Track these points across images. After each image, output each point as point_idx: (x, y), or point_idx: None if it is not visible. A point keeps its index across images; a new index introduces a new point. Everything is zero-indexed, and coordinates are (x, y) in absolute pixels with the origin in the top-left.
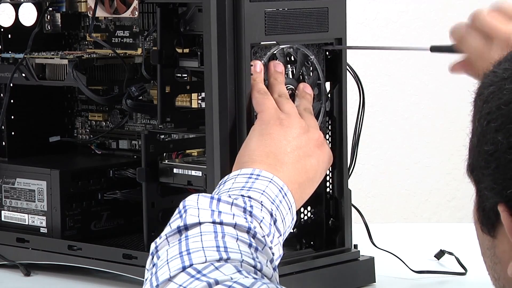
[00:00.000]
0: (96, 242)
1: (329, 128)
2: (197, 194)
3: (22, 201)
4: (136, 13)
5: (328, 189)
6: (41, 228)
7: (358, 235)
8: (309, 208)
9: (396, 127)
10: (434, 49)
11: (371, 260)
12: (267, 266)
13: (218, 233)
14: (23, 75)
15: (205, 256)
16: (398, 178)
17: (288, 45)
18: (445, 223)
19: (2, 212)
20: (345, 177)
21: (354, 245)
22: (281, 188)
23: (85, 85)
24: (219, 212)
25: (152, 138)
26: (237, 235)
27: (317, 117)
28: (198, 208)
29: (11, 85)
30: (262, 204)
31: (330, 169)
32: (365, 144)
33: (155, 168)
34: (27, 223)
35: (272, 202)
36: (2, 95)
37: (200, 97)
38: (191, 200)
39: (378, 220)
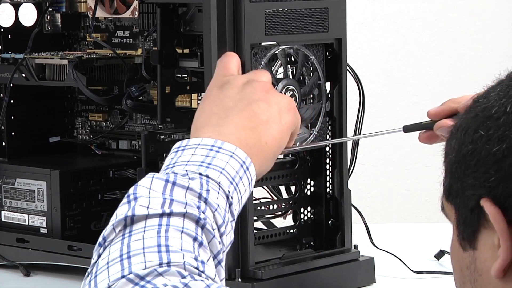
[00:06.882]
0: (96, 242)
1: (329, 128)
2: (152, 175)
3: (22, 201)
4: (136, 13)
5: (328, 189)
6: (41, 228)
7: (358, 235)
8: (309, 208)
9: (396, 127)
10: (407, 129)
11: (371, 260)
12: (208, 264)
13: (162, 226)
14: (23, 75)
15: (144, 262)
16: (398, 178)
17: (288, 46)
18: (445, 223)
19: (2, 212)
20: (345, 177)
21: (354, 245)
22: (243, 162)
23: (85, 86)
24: (171, 200)
25: (152, 139)
26: (182, 227)
27: (317, 117)
28: (150, 197)
29: (11, 85)
30: (220, 186)
31: (330, 169)
32: (365, 144)
33: (155, 169)
34: (27, 223)
35: (230, 182)
36: (2, 95)
37: (200, 97)
38: (143, 187)
39: (378, 220)
